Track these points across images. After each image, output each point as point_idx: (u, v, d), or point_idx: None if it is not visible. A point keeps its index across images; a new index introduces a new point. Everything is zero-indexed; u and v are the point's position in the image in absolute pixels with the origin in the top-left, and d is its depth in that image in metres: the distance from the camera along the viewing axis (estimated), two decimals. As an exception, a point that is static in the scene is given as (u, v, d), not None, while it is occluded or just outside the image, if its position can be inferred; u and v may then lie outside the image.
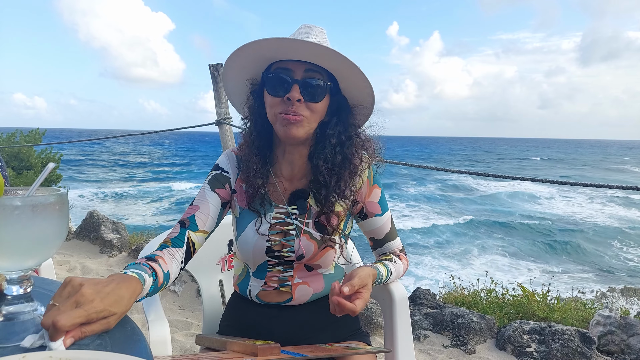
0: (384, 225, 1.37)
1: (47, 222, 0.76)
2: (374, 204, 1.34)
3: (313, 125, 1.20)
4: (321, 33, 1.22)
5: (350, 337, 1.39)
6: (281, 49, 1.15)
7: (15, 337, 0.77)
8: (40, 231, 0.75)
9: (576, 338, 3.07)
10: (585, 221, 21.20)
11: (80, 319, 0.72)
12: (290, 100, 1.14)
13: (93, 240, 5.54)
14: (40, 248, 0.77)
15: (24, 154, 9.11)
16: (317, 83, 1.16)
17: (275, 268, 1.29)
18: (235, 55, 1.20)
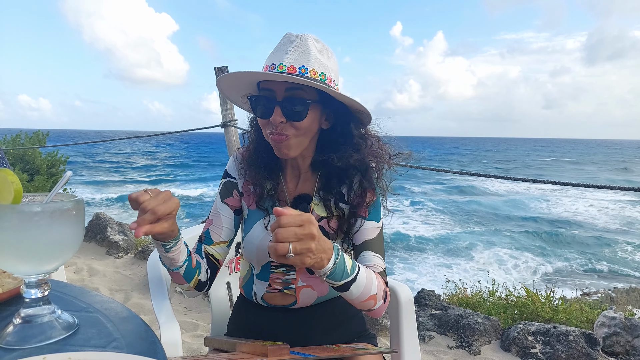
0: (366, 231, 1.24)
1: (65, 227, 0.79)
2: (362, 206, 1.25)
3: (304, 139, 1.20)
4: (303, 44, 1.16)
5: (357, 338, 1.40)
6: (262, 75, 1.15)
7: (34, 339, 0.79)
8: (58, 236, 0.78)
9: (581, 339, 3.08)
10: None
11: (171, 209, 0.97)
12: (274, 124, 1.15)
13: (99, 241, 5.58)
14: (58, 252, 0.80)
15: (29, 156, 9.16)
16: (298, 101, 1.14)
17: (278, 269, 1.31)
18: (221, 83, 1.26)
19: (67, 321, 0.85)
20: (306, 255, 0.89)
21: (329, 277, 1.00)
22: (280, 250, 0.85)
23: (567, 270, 13.20)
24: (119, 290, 4.22)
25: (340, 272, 1.01)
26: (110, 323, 0.90)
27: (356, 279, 1.05)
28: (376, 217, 1.26)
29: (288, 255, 0.86)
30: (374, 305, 1.13)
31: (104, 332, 0.86)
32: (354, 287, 1.06)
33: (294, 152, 1.20)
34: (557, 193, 30.35)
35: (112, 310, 0.97)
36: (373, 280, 1.11)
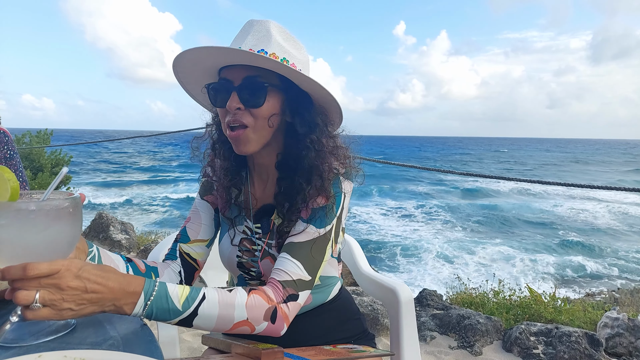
0: (296, 233, 1.10)
1: (62, 225, 0.78)
2: (307, 207, 1.12)
3: (263, 132, 1.10)
4: (263, 29, 1.10)
5: (355, 340, 1.37)
6: (217, 57, 1.08)
7: (31, 337, 0.79)
8: (55, 234, 0.77)
9: (583, 340, 3.06)
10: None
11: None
12: (229, 111, 1.08)
13: (102, 240, 5.60)
14: (55, 251, 0.79)
15: (35, 155, 9.21)
16: (256, 86, 1.07)
17: (252, 282, 1.26)
18: (177, 71, 1.15)
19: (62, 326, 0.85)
20: (61, 306, 0.75)
21: (149, 319, 0.88)
22: (21, 299, 0.72)
23: (572, 270, 13.16)
24: (121, 289, 4.24)
25: (164, 312, 0.87)
26: (107, 321, 0.90)
27: (197, 312, 0.91)
28: (317, 222, 1.10)
29: (33, 306, 0.72)
30: (252, 330, 0.99)
31: (100, 330, 0.86)
32: (198, 321, 0.92)
33: (253, 147, 1.10)
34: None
35: (109, 308, 0.97)
36: (238, 305, 0.95)
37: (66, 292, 0.75)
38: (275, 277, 1.04)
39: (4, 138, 1.53)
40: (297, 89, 1.12)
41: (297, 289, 1.04)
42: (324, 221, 1.11)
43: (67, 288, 0.75)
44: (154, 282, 0.88)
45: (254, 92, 1.07)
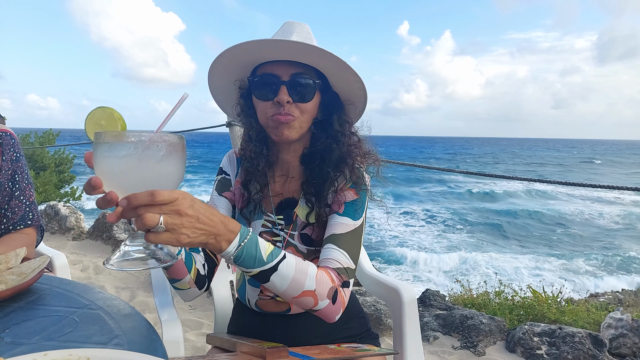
0: (334, 225, 1.16)
1: (175, 158, 0.78)
2: (339, 202, 1.19)
3: (305, 125, 1.19)
4: (304, 30, 1.19)
5: (359, 339, 1.38)
6: (265, 51, 1.14)
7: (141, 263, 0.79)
8: (170, 166, 0.77)
9: (587, 341, 3.05)
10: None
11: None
12: (280, 104, 1.13)
13: (106, 240, 5.62)
14: (168, 182, 0.79)
15: (38, 155, 9.25)
16: (305, 82, 1.14)
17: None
18: (218, 62, 1.18)
19: (169, 252, 0.83)
20: (180, 232, 0.78)
21: (236, 262, 0.90)
22: (149, 221, 0.74)
23: (576, 270, 13.11)
24: (124, 288, 4.24)
25: (250, 259, 0.91)
26: (112, 320, 0.90)
27: (277, 268, 0.94)
28: (352, 214, 1.17)
29: (157, 228, 0.75)
30: (315, 304, 1.01)
31: (105, 328, 0.86)
32: (275, 278, 0.95)
33: (294, 135, 1.17)
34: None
35: (114, 307, 0.97)
36: (309, 275, 0.99)
37: (184, 219, 0.78)
38: (328, 265, 1.09)
39: (10, 140, 1.54)
40: (331, 89, 1.22)
41: (348, 276, 1.10)
42: (357, 214, 1.18)
43: (185, 215, 0.78)
44: (248, 229, 0.92)
45: (303, 87, 1.14)
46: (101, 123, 0.84)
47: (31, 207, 1.53)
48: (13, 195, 1.50)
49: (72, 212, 6.19)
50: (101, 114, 0.84)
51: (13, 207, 1.49)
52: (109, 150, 0.74)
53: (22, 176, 1.53)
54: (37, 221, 1.54)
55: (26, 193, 1.53)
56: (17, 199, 1.50)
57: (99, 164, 0.75)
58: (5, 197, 1.49)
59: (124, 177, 0.74)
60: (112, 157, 0.73)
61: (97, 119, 0.84)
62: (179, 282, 1.15)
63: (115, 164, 0.74)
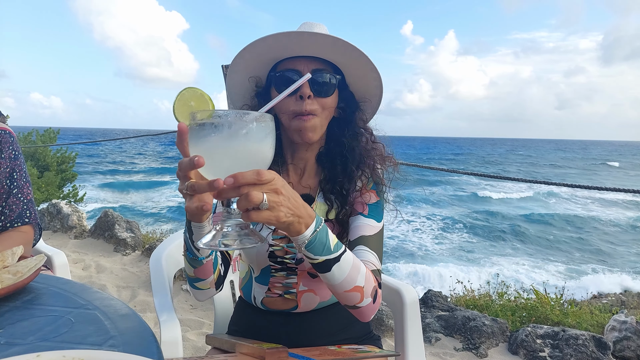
0: (362, 227, 1.17)
1: (271, 139, 0.78)
2: (362, 203, 1.21)
3: (325, 123, 1.21)
4: (323, 29, 1.21)
5: (361, 341, 1.37)
6: (287, 46, 1.15)
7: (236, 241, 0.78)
8: (267, 146, 0.77)
9: (591, 343, 3.03)
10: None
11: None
12: (302, 98, 1.14)
13: (107, 238, 5.61)
14: (264, 162, 0.79)
15: (40, 153, 9.27)
16: (326, 77, 1.17)
17: (278, 273, 1.27)
18: (240, 56, 1.19)
19: (258, 234, 0.82)
20: (279, 209, 0.80)
21: (308, 247, 0.91)
22: (254, 198, 0.74)
23: (578, 272, 13.06)
24: (125, 287, 4.24)
25: (320, 246, 0.93)
26: (109, 321, 0.89)
27: (340, 259, 0.96)
28: (376, 216, 1.20)
29: (262, 205, 0.76)
30: (361, 300, 1.03)
31: (101, 329, 0.85)
32: (336, 269, 0.96)
33: (318, 135, 1.19)
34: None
35: (111, 307, 0.95)
36: (361, 271, 1.02)
37: (281, 197, 0.80)
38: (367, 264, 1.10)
39: (9, 138, 1.53)
40: (347, 88, 1.25)
41: (379, 277, 1.12)
42: (380, 216, 1.21)
43: (281, 193, 0.80)
44: (321, 217, 0.94)
45: (325, 82, 1.17)
46: (191, 104, 0.83)
47: (28, 205, 1.53)
48: (11, 193, 1.49)
49: (74, 211, 6.19)
50: (191, 95, 0.83)
51: (10, 205, 1.48)
52: (217, 131, 0.72)
53: (20, 174, 1.53)
54: (35, 219, 1.53)
55: (24, 191, 1.53)
56: (14, 196, 1.50)
57: (202, 144, 0.73)
58: (3, 195, 1.48)
59: (229, 156, 0.74)
60: (220, 138, 0.72)
61: (187, 100, 0.83)
62: (202, 282, 1.14)
63: (221, 144, 0.72)
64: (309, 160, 1.29)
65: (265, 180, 0.76)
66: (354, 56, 1.16)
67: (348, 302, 1.04)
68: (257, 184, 0.75)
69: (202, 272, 1.10)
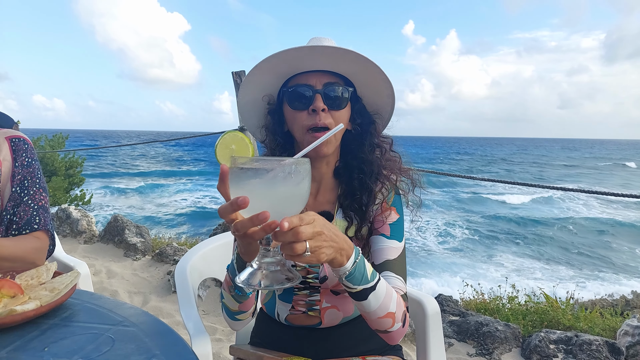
0: (387, 250, 1.18)
1: (308, 182, 0.82)
2: (384, 223, 1.21)
3: (339, 136, 1.21)
4: (331, 43, 1.22)
5: (383, 352, 1.37)
6: (298, 61, 1.16)
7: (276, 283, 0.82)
8: (304, 189, 0.81)
9: (604, 349, 3.02)
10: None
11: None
12: (316, 111, 1.15)
13: (117, 243, 5.64)
14: (300, 204, 0.83)
15: (49, 158, 9.32)
16: (338, 90, 1.17)
17: (301, 292, 1.28)
18: (252, 74, 1.19)
19: (294, 272, 0.85)
20: (320, 253, 0.84)
21: (348, 278, 0.94)
22: (298, 250, 0.79)
23: (586, 274, 12.99)
24: (137, 292, 4.26)
25: (359, 276, 0.95)
26: (148, 338, 0.90)
27: (376, 287, 0.98)
28: (398, 236, 1.20)
29: (305, 255, 0.80)
30: (392, 325, 1.04)
31: (142, 347, 0.86)
32: (372, 297, 0.99)
33: (332, 148, 1.19)
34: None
35: (147, 324, 0.97)
36: (393, 297, 1.03)
37: (322, 238, 0.83)
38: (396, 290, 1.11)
39: (23, 145, 1.52)
40: (360, 101, 1.25)
41: (406, 301, 1.13)
42: (401, 234, 1.21)
43: (322, 234, 0.84)
44: (358, 248, 0.97)
45: (337, 95, 1.17)
46: (232, 147, 0.87)
47: (39, 211, 1.48)
48: (22, 201, 1.46)
49: (84, 216, 6.22)
50: (232, 139, 0.87)
51: (20, 212, 1.44)
52: (258, 175, 0.77)
53: (32, 181, 1.50)
54: (45, 226, 1.49)
55: (35, 197, 1.49)
56: (25, 204, 1.46)
57: (245, 186, 0.77)
58: (13, 203, 1.45)
59: (269, 199, 0.78)
60: (261, 182, 0.77)
61: (228, 143, 0.87)
62: (244, 314, 1.17)
63: (262, 187, 0.77)
64: (326, 175, 1.29)
65: (306, 223, 0.80)
66: (366, 67, 1.17)
67: (380, 328, 1.06)
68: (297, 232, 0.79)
69: (247, 305, 1.14)
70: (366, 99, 1.27)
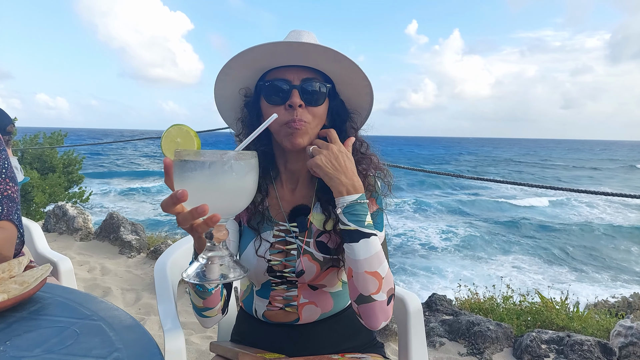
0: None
1: (253, 175, 0.81)
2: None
3: (315, 131, 1.19)
4: (311, 37, 1.21)
5: (364, 349, 1.36)
6: (276, 55, 1.14)
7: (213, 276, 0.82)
8: (250, 183, 0.81)
9: (596, 349, 3.01)
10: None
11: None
12: (292, 107, 1.13)
13: (112, 241, 5.64)
14: (246, 197, 0.82)
15: (47, 155, 9.32)
16: (316, 86, 1.16)
17: (278, 287, 1.27)
18: (229, 66, 1.18)
19: (241, 266, 0.84)
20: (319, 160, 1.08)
21: (345, 211, 1.06)
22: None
23: (584, 275, 12.97)
24: (130, 290, 4.26)
25: (354, 217, 1.06)
26: (114, 332, 0.89)
27: (369, 238, 1.06)
28: (379, 226, 1.19)
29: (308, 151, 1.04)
30: (377, 292, 1.05)
31: (106, 341, 0.85)
32: (363, 244, 1.05)
33: (306, 141, 1.17)
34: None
35: (116, 318, 0.96)
36: (384, 264, 1.07)
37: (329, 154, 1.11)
38: None
39: None
40: (338, 97, 1.25)
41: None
42: (381, 224, 1.20)
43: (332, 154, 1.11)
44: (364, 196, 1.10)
45: (314, 91, 1.16)
46: (177, 140, 0.87)
47: (3, 201, 1.41)
48: None
49: (80, 213, 6.22)
50: (177, 132, 0.87)
51: None
52: (199, 168, 0.76)
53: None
54: (8, 215, 1.41)
55: (0, 187, 1.43)
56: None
57: (186, 179, 0.76)
58: None
59: (211, 192, 0.77)
60: (202, 175, 0.76)
61: (173, 137, 0.87)
62: (211, 311, 1.15)
63: (204, 181, 0.76)
64: (302, 169, 1.27)
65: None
66: (344, 65, 1.15)
67: (363, 290, 1.06)
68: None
69: (211, 301, 1.11)
70: (344, 95, 1.25)
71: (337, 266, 1.23)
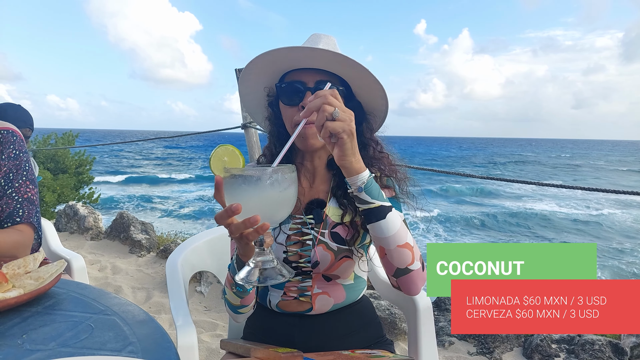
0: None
1: (295, 186, 0.89)
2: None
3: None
4: (331, 41, 1.25)
5: (374, 345, 1.38)
6: (293, 59, 1.19)
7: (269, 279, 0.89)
8: (290, 193, 0.88)
9: (607, 349, 2.98)
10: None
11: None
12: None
13: (123, 240, 5.69)
14: (288, 207, 0.89)
15: (60, 156, 9.43)
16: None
17: (293, 278, 1.30)
18: (249, 69, 1.24)
19: (288, 268, 0.92)
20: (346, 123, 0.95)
21: (367, 187, 1.03)
22: (328, 109, 0.93)
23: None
24: (141, 288, 4.29)
25: (376, 190, 1.05)
26: (127, 326, 0.91)
27: (392, 211, 1.06)
28: (397, 207, 1.22)
29: (334, 114, 0.93)
30: (412, 262, 1.08)
31: (120, 335, 0.87)
32: (390, 218, 1.05)
33: (320, 142, 1.21)
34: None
35: (129, 313, 0.98)
36: (409, 233, 1.09)
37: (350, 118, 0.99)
38: None
39: (11, 137, 1.48)
40: (354, 98, 1.27)
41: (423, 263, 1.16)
42: (400, 208, 1.23)
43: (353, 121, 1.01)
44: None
45: None
46: (224, 159, 0.94)
47: (23, 204, 1.45)
48: (5, 194, 1.43)
49: (91, 212, 6.29)
50: (224, 152, 0.94)
51: (2, 205, 1.41)
52: (248, 183, 0.83)
53: (17, 174, 1.46)
54: (28, 219, 1.44)
55: (21, 190, 1.46)
56: (8, 196, 1.43)
57: (237, 194, 0.84)
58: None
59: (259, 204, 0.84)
60: (251, 189, 0.84)
61: (220, 156, 0.94)
62: (246, 307, 1.22)
63: (254, 194, 0.84)
64: (319, 167, 1.32)
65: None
66: (356, 69, 1.18)
67: (400, 263, 1.08)
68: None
69: (248, 299, 1.18)
70: (361, 98, 1.29)
71: (351, 257, 1.26)
